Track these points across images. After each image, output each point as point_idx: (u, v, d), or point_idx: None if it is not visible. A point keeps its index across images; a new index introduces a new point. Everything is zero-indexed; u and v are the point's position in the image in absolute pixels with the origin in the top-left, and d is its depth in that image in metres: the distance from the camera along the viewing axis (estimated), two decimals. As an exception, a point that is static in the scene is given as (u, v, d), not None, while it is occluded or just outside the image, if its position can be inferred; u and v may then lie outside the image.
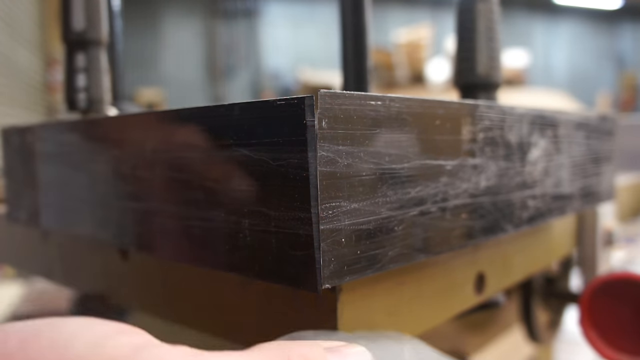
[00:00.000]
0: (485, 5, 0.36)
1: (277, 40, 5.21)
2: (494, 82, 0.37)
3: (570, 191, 0.36)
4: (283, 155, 0.19)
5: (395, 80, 2.51)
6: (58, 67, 3.03)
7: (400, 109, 0.22)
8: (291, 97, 0.19)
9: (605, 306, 0.40)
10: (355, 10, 0.36)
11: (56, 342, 0.13)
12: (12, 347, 0.13)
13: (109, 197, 0.30)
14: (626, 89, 6.20)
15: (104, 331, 0.14)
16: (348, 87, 0.37)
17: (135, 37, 4.65)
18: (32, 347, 0.13)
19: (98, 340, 0.13)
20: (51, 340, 0.13)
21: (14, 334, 0.14)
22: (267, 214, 0.20)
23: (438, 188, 0.24)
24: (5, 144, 0.42)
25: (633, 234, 0.69)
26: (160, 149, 0.26)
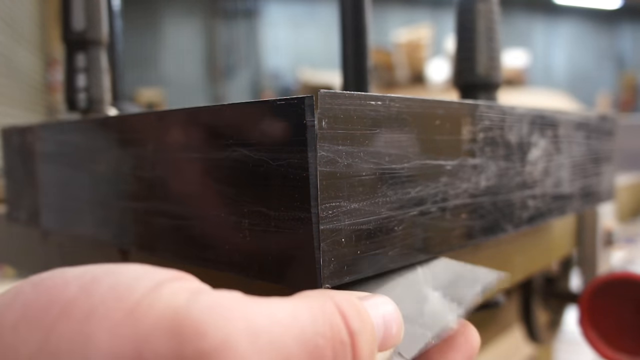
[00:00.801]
0: (485, 5, 0.36)
1: (277, 40, 5.21)
2: (494, 82, 0.37)
3: (570, 191, 0.36)
4: (283, 155, 0.19)
5: (395, 80, 2.51)
6: (58, 67, 3.03)
7: (400, 109, 0.22)
8: (291, 97, 0.19)
9: (605, 306, 0.40)
10: (355, 10, 0.36)
11: (116, 287, 0.13)
12: (73, 293, 0.13)
13: (109, 197, 0.30)
14: (626, 89, 6.20)
15: (162, 277, 0.14)
16: (348, 87, 0.37)
17: (135, 37, 4.66)
18: (93, 292, 0.13)
19: (156, 285, 0.13)
20: (111, 286, 0.13)
21: (74, 280, 0.14)
22: (267, 214, 0.20)
23: (438, 188, 0.24)
24: (5, 144, 0.42)
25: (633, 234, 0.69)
26: (160, 149, 0.26)
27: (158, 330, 0.12)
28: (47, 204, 0.36)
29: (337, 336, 0.14)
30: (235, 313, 0.13)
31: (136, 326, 0.12)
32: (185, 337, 0.12)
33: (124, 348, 0.12)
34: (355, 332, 0.14)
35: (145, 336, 0.12)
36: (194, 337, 0.12)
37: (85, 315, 0.13)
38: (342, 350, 0.14)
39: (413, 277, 0.23)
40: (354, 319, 0.15)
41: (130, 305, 0.13)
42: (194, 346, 0.12)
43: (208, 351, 0.12)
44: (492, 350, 0.63)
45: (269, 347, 0.13)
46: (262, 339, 0.13)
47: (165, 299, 0.13)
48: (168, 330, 0.12)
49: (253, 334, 0.13)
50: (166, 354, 0.12)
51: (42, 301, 0.13)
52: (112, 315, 0.13)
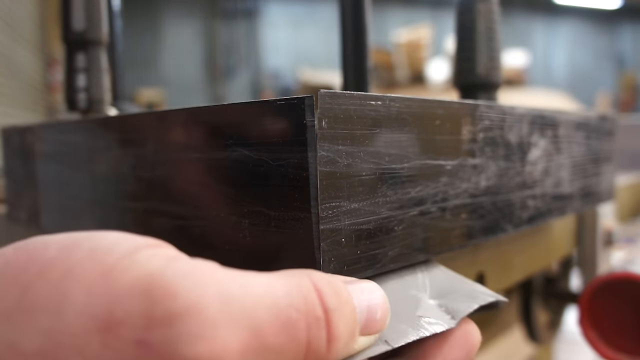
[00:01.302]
0: (485, 5, 0.36)
1: (277, 40, 5.21)
2: (494, 82, 0.37)
3: (570, 191, 0.36)
4: (283, 155, 0.19)
5: (395, 80, 2.51)
6: (58, 67, 3.03)
7: (400, 109, 0.22)
8: (291, 97, 0.19)
9: (605, 306, 0.40)
10: (355, 10, 0.36)
11: (95, 250, 0.14)
12: (52, 254, 0.14)
13: (109, 197, 0.30)
14: (626, 89, 6.20)
15: (140, 243, 0.14)
16: (348, 87, 0.37)
17: (135, 37, 4.66)
18: (72, 254, 0.14)
19: (134, 250, 0.14)
20: (90, 248, 0.14)
21: (54, 243, 0.14)
22: (267, 214, 0.20)
23: (438, 188, 0.24)
24: (5, 144, 0.42)
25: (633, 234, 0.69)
26: (160, 149, 0.26)
27: (131, 291, 0.13)
28: (47, 204, 0.36)
29: (312, 311, 0.14)
30: (209, 279, 0.13)
31: (111, 286, 0.13)
32: (156, 298, 0.12)
33: (98, 307, 0.12)
34: (330, 309, 0.14)
35: (119, 296, 0.12)
36: (165, 298, 0.12)
37: (63, 274, 0.13)
38: (316, 325, 0.14)
39: (411, 281, 0.23)
40: (329, 297, 0.15)
41: (107, 267, 0.13)
42: (164, 307, 0.12)
43: (178, 312, 0.12)
44: (492, 350, 0.63)
45: (240, 314, 0.13)
46: (233, 306, 0.13)
47: (141, 263, 0.13)
48: (141, 292, 0.12)
49: (225, 300, 0.13)
50: (137, 314, 0.12)
51: (22, 261, 0.14)
52: (89, 276, 0.13)
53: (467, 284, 0.23)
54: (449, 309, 0.21)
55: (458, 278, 0.24)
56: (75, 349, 0.12)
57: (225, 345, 0.12)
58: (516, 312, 0.57)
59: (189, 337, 0.12)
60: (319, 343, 0.14)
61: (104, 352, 0.12)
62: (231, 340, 0.12)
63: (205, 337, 0.12)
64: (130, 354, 0.12)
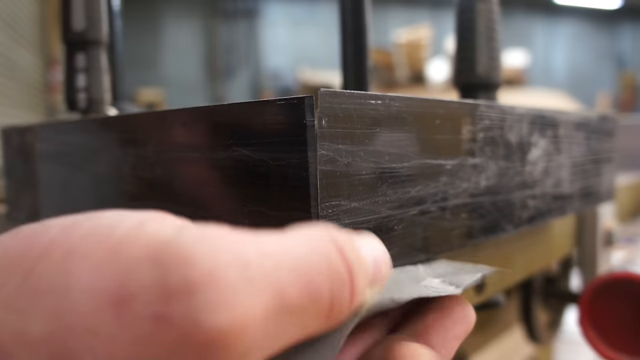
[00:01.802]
0: (485, 5, 0.36)
1: (277, 40, 5.21)
2: (494, 82, 0.37)
3: (570, 191, 0.36)
4: (283, 155, 0.19)
5: (395, 80, 2.51)
6: (58, 67, 3.03)
7: (400, 108, 0.22)
8: (291, 97, 0.19)
9: (605, 306, 0.40)
10: (355, 10, 0.36)
11: (97, 227, 0.13)
12: (53, 235, 0.13)
13: (109, 197, 0.30)
14: (626, 89, 6.20)
15: (145, 216, 0.14)
16: (348, 87, 0.37)
17: (135, 37, 4.66)
18: (73, 232, 0.13)
19: (140, 222, 0.13)
20: (92, 226, 0.13)
21: (53, 225, 0.14)
22: (266, 214, 0.20)
23: (438, 187, 0.24)
24: (5, 144, 0.42)
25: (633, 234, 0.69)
26: (160, 149, 0.26)
27: (141, 261, 0.12)
28: (47, 204, 0.36)
29: (335, 272, 0.14)
30: (224, 244, 0.12)
31: (118, 260, 0.12)
32: (170, 267, 0.12)
33: (106, 282, 0.12)
34: (354, 269, 0.14)
35: (128, 268, 0.12)
36: (179, 266, 0.12)
37: (66, 253, 0.12)
38: (340, 285, 0.14)
39: (413, 270, 0.23)
40: (351, 255, 0.14)
41: (113, 243, 0.12)
42: (179, 275, 0.11)
43: (195, 281, 0.11)
44: (492, 350, 0.63)
45: (261, 278, 0.12)
46: (252, 270, 0.12)
47: (150, 233, 0.13)
48: (152, 261, 0.12)
49: (243, 264, 0.12)
50: (151, 285, 0.11)
51: (21, 245, 0.13)
52: (95, 251, 0.12)
53: (469, 265, 0.23)
54: (452, 281, 0.21)
55: (457, 263, 0.24)
56: (88, 330, 0.11)
57: (248, 312, 0.12)
58: (516, 312, 0.57)
59: (209, 306, 0.11)
60: (342, 301, 0.14)
61: (120, 331, 0.11)
62: (253, 306, 0.12)
63: (227, 305, 0.11)
64: (147, 329, 0.11)
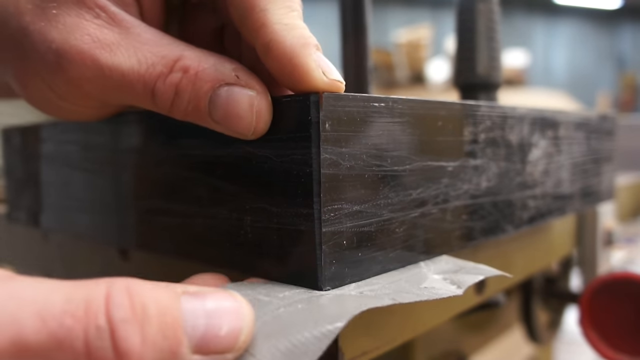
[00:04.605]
0: (485, 5, 0.36)
1: (277, 39, 5.19)
2: (494, 82, 0.37)
3: (570, 191, 0.36)
4: (287, 151, 0.19)
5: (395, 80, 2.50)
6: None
7: (402, 111, 0.22)
8: (296, 95, 0.19)
9: (605, 306, 0.40)
10: (355, 10, 0.36)
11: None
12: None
13: (109, 197, 0.30)
14: (626, 89, 6.19)
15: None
16: (348, 87, 0.36)
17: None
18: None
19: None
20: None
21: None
22: (269, 211, 0.20)
23: (439, 189, 0.24)
24: (5, 144, 0.42)
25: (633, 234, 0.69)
26: (162, 147, 0.26)
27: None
28: (47, 204, 0.36)
29: (93, 320, 0.13)
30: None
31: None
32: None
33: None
34: (116, 319, 0.13)
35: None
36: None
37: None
38: (98, 335, 0.13)
39: (414, 267, 0.23)
40: (118, 306, 0.14)
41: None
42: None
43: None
44: (492, 350, 0.63)
45: (1, 319, 0.13)
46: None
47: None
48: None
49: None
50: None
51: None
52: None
53: (471, 264, 0.23)
54: (454, 280, 0.21)
55: (461, 261, 0.24)
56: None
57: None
58: (516, 312, 0.57)
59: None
60: (104, 354, 0.13)
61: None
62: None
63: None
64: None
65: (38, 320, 0.13)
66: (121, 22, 0.21)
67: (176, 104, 0.20)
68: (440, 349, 0.48)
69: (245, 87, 0.20)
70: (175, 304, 0.14)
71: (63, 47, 0.20)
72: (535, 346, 0.67)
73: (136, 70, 0.20)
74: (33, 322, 0.13)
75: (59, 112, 0.23)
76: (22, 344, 0.13)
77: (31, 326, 0.13)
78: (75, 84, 0.21)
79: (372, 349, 0.23)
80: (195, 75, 0.20)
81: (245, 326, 0.15)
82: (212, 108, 0.20)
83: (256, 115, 0.19)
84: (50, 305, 0.13)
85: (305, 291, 0.19)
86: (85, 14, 0.21)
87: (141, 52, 0.20)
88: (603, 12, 6.41)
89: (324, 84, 0.19)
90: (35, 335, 0.13)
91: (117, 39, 0.21)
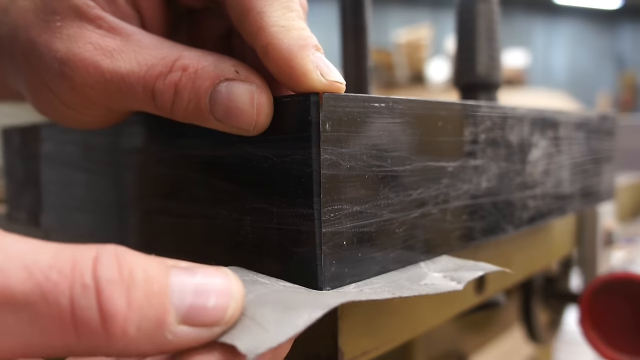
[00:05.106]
0: (485, 5, 0.36)
1: (277, 39, 5.19)
2: (494, 82, 0.37)
3: (570, 191, 0.36)
4: (287, 151, 0.19)
5: (395, 80, 2.50)
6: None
7: (403, 111, 0.22)
8: (296, 94, 0.19)
9: (605, 306, 0.40)
10: (355, 10, 0.36)
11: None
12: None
13: (110, 196, 0.30)
14: (626, 89, 6.19)
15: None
16: (348, 87, 0.36)
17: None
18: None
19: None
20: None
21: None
22: (269, 211, 0.20)
23: (439, 189, 0.24)
24: (5, 144, 0.42)
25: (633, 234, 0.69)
26: (163, 147, 0.26)
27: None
28: (47, 204, 0.36)
29: (79, 277, 0.13)
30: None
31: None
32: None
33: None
34: (102, 279, 0.13)
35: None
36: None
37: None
38: (83, 292, 0.13)
39: (414, 267, 0.23)
40: (105, 267, 0.14)
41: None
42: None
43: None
44: (492, 350, 0.63)
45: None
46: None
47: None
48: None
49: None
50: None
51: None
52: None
53: (471, 262, 0.23)
54: (454, 277, 0.21)
55: (461, 260, 0.24)
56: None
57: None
58: (516, 312, 0.57)
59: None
60: (88, 314, 0.13)
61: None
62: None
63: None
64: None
65: (24, 272, 0.13)
66: (122, 31, 0.22)
67: (177, 103, 0.20)
68: (440, 349, 0.48)
69: (245, 81, 0.20)
70: (163, 274, 0.15)
71: (67, 56, 0.21)
72: (535, 346, 0.67)
73: (136, 73, 0.21)
74: (19, 273, 0.13)
75: (67, 120, 0.24)
76: (8, 292, 0.13)
77: (17, 277, 0.13)
78: (79, 90, 0.22)
79: (372, 349, 0.23)
80: (194, 73, 0.20)
81: (233, 300, 0.15)
82: (213, 105, 0.20)
83: (257, 109, 0.19)
84: (37, 259, 0.13)
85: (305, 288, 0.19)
86: (87, 25, 0.22)
87: (141, 55, 0.21)
88: (603, 12, 6.41)
89: (322, 85, 0.19)
90: (20, 285, 0.13)
91: (118, 46, 0.21)
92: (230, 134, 0.21)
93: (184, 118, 0.21)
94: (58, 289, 0.13)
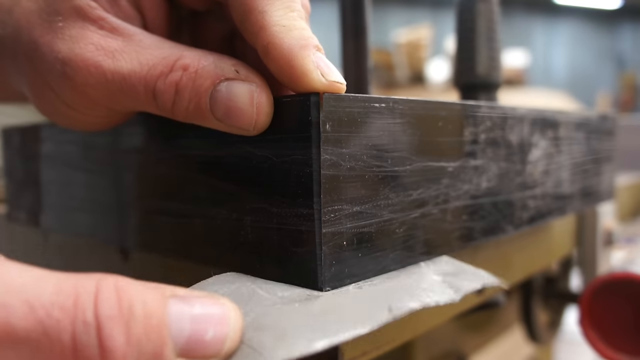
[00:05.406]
0: (485, 5, 0.36)
1: (277, 39, 5.19)
2: (494, 82, 0.37)
3: (570, 191, 0.36)
4: (287, 151, 0.19)
5: (395, 80, 2.50)
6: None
7: (403, 111, 0.22)
8: (297, 94, 0.19)
9: (605, 306, 0.40)
10: (355, 10, 0.36)
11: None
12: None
13: (110, 197, 0.30)
14: (626, 89, 6.19)
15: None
16: (348, 87, 0.36)
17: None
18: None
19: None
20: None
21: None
22: (269, 211, 0.20)
23: (439, 190, 0.24)
24: (5, 144, 0.42)
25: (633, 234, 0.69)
26: (163, 147, 0.26)
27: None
28: (47, 204, 0.36)
29: (81, 314, 0.13)
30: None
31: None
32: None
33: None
34: (103, 316, 0.13)
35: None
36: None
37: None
38: (85, 330, 0.13)
39: (414, 267, 0.23)
40: (106, 302, 0.14)
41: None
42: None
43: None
44: (492, 350, 0.63)
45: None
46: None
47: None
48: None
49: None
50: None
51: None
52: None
53: (471, 268, 0.23)
54: (452, 284, 0.21)
55: (461, 264, 0.24)
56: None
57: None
58: (516, 312, 0.57)
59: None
60: (89, 351, 0.13)
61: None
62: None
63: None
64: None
65: (26, 307, 0.13)
66: (124, 32, 0.22)
67: (177, 103, 0.20)
68: (440, 349, 0.48)
69: (245, 81, 0.20)
70: (161, 306, 0.15)
71: (68, 56, 0.21)
72: (535, 346, 0.67)
73: (138, 73, 0.21)
74: (21, 308, 0.13)
75: (69, 121, 0.24)
76: (9, 329, 0.13)
77: (18, 312, 0.13)
78: (81, 90, 0.22)
79: (372, 349, 0.23)
80: (195, 73, 0.20)
81: (232, 331, 0.15)
82: (213, 104, 0.20)
83: (257, 109, 0.20)
84: (39, 294, 0.13)
85: (304, 291, 0.19)
86: (89, 26, 0.22)
87: (143, 55, 0.21)
88: (603, 12, 6.41)
89: (322, 85, 0.19)
90: (22, 321, 0.13)
91: (120, 46, 0.21)
92: (230, 134, 0.21)
93: (184, 118, 0.21)
94: (60, 326, 0.13)
